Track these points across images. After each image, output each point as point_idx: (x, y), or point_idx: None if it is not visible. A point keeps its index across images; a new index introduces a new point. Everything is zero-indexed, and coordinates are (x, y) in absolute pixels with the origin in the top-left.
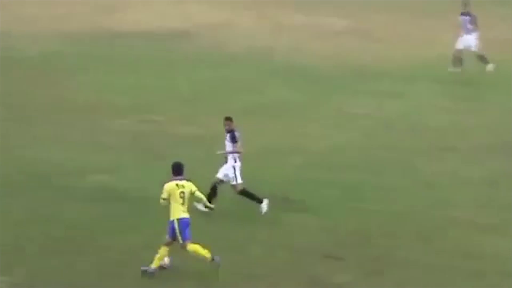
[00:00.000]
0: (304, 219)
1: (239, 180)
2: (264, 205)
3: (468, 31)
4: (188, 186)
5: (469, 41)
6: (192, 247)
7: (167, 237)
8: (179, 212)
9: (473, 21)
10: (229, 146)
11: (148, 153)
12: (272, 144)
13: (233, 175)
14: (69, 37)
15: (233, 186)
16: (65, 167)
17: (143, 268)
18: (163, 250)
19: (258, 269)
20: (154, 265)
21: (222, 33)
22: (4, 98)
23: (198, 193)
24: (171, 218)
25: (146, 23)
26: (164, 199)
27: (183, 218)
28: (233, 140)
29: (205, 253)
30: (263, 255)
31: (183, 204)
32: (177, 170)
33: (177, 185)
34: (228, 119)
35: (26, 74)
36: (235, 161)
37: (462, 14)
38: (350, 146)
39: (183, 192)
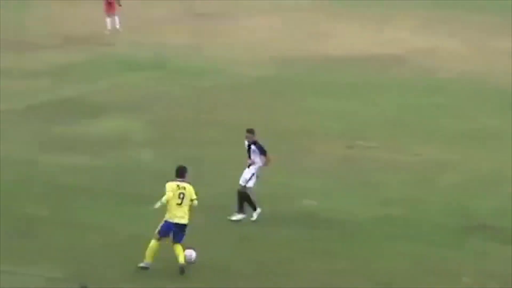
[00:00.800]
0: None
1: (250, 185)
2: (238, 217)
3: None
4: (189, 190)
5: None
6: (178, 248)
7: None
8: (174, 213)
9: None
10: (255, 157)
11: (356, 178)
12: (482, 171)
13: (249, 177)
14: (284, 63)
15: (241, 185)
16: (274, 191)
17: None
18: (153, 244)
19: None
20: (147, 260)
21: (430, 59)
22: (219, 121)
23: (196, 203)
24: (165, 217)
25: (357, 49)
26: (162, 202)
27: (177, 223)
28: (262, 151)
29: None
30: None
31: (180, 205)
32: (180, 173)
33: (178, 186)
34: (249, 131)
35: (243, 99)
36: (257, 174)
37: None
38: None
39: (183, 194)
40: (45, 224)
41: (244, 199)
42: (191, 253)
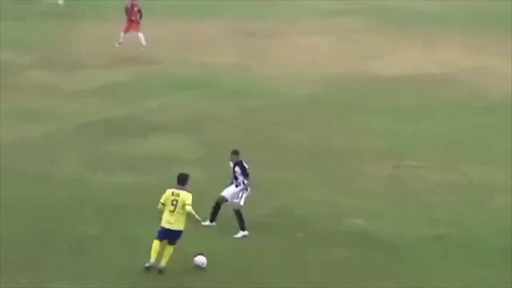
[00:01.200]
0: None
1: (242, 203)
2: (242, 234)
3: None
4: (183, 197)
5: None
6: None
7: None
8: (166, 219)
9: None
10: (240, 177)
11: (404, 198)
12: None
13: (240, 196)
14: (334, 82)
15: (234, 204)
16: (321, 210)
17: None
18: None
19: None
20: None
21: (481, 78)
22: (267, 141)
23: (189, 208)
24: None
25: (408, 69)
26: (162, 204)
27: (168, 229)
28: (244, 174)
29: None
30: None
31: (173, 212)
32: (180, 180)
33: (172, 193)
34: (234, 152)
35: (292, 118)
36: (246, 190)
37: None
38: None
39: (175, 201)
40: (96, 242)
41: (239, 215)
42: (202, 260)
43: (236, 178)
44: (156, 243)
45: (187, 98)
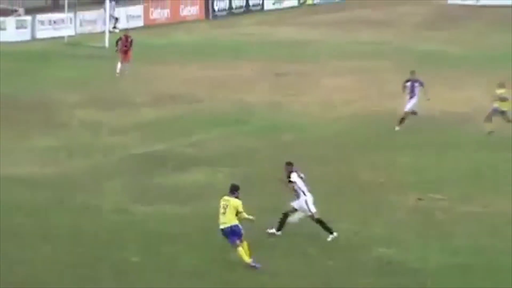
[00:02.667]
0: None
1: (313, 210)
2: (332, 237)
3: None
4: (233, 203)
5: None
6: (239, 251)
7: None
8: (220, 221)
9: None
10: (300, 183)
11: (427, 228)
12: None
13: (306, 207)
14: (360, 119)
15: (310, 216)
16: (349, 239)
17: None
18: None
19: None
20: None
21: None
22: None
23: (242, 215)
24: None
25: (431, 107)
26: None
27: (222, 228)
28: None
29: (246, 258)
30: None
31: (224, 214)
32: (231, 190)
33: (223, 199)
34: (289, 164)
35: (321, 153)
36: (305, 194)
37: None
38: None
39: (226, 205)
40: (138, 269)
41: (321, 223)
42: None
43: (295, 190)
44: (240, 250)
45: (223, 134)
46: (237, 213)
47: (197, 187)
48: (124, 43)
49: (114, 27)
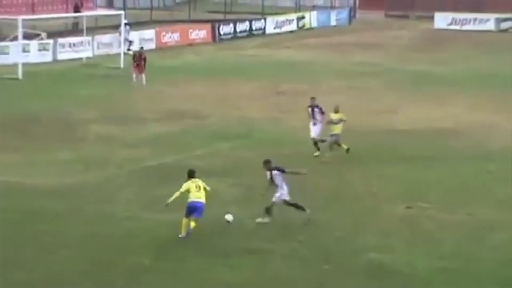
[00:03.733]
0: None
1: (287, 197)
2: (306, 212)
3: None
4: (202, 183)
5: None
6: (192, 223)
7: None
8: (196, 196)
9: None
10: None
11: (415, 235)
12: None
13: (284, 196)
14: (354, 135)
15: (285, 201)
16: (342, 245)
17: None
18: (184, 221)
19: None
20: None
21: (481, 132)
22: (292, 185)
23: (207, 188)
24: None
25: (418, 123)
26: (181, 192)
27: (198, 202)
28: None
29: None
30: None
31: (199, 191)
32: (190, 174)
33: (193, 181)
34: (267, 162)
35: (317, 166)
36: (282, 188)
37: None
38: None
39: (199, 185)
40: (148, 272)
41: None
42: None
43: (276, 185)
44: (185, 221)
45: (227, 147)
46: (205, 190)
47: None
48: (138, 59)
49: (129, 49)
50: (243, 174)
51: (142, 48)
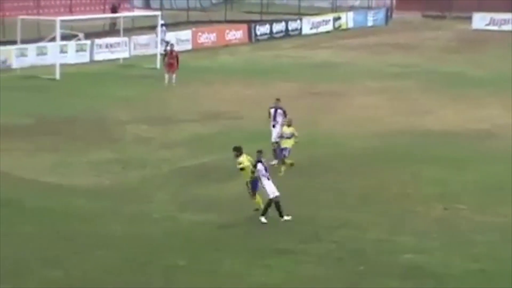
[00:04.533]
0: None
1: (271, 195)
2: (284, 218)
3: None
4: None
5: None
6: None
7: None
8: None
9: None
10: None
11: (450, 236)
12: None
13: (266, 191)
14: (389, 136)
15: (269, 199)
16: (377, 246)
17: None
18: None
19: None
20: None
21: None
22: (330, 185)
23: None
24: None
25: (453, 124)
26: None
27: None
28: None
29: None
30: None
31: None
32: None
33: (248, 159)
34: (258, 152)
35: (352, 167)
36: (262, 182)
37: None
38: None
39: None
40: (183, 273)
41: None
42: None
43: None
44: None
45: (262, 148)
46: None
47: (238, 197)
48: (170, 57)
49: (165, 50)
50: (277, 175)
51: (172, 45)
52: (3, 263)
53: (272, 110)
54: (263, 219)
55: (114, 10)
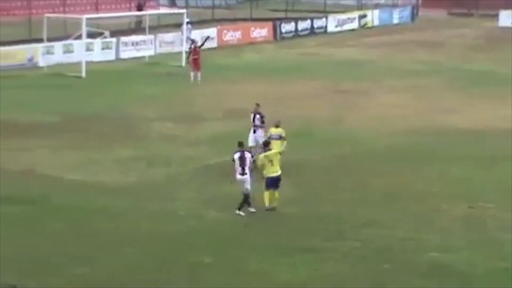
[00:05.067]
0: None
1: (244, 189)
2: (251, 210)
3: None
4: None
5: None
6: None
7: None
8: (271, 170)
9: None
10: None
11: (477, 235)
12: None
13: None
14: (414, 134)
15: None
16: (403, 245)
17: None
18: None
19: None
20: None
21: None
22: (355, 183)
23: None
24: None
25: (478, 123)
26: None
27: (275, 176)
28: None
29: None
30: None
31: (273, 165)
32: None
33: (265, 155)
34: (239, 144)
35: (377, 165)
36: (235, 175)
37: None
38: None
39: (272, 158)
40: (209, 270)
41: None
42: None
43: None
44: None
45: (286, 146)
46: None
47: (261, 195)
48: (194, 54)
49: (190, 48)
50: (303, 173)
51: (195, 41)
52: (30, 260)
53: (252, 115)
54: (238, 211)
55: (139, 8)
